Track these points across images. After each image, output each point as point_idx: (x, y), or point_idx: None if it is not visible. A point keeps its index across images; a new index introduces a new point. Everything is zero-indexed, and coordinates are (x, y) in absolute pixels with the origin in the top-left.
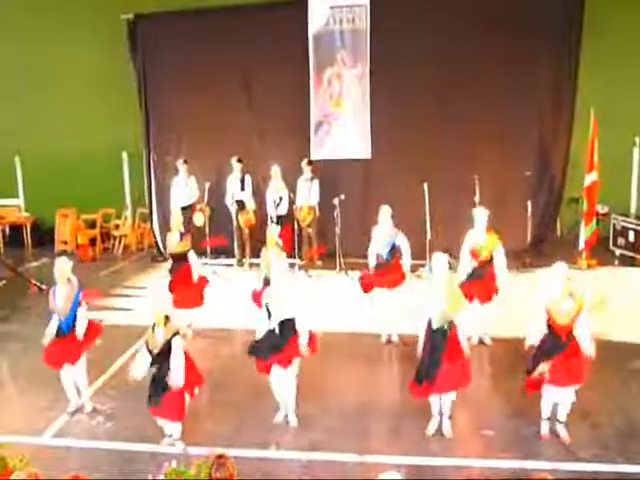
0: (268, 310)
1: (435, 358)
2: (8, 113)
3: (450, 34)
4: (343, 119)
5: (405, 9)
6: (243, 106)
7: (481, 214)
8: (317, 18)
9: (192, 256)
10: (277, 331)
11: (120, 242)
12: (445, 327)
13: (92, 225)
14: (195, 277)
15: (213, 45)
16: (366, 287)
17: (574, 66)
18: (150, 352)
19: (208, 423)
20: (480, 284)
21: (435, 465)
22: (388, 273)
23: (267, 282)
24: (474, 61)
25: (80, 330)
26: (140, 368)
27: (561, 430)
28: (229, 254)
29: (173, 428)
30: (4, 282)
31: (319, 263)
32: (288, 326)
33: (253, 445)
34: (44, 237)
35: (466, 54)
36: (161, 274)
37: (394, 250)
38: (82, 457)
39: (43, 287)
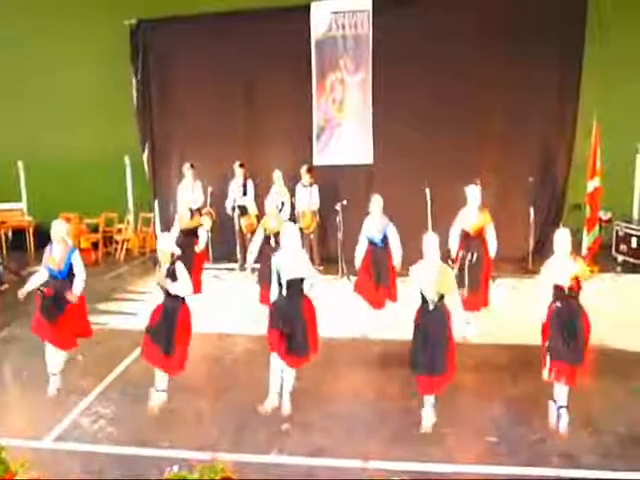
0: (278, 274)
1: (440, 345)
2: (11, 117)
3: (452, 39)
4: (345, 124)
5: (407, 14)
6: (245, 111)
7: (473, 191)
8: (319, 24)
9: (202, 232)
10: (286, 296)
11: (122, 246)
12: (439, 304)
13: (94, 229)
14: (200, 247)
15: (215, 51)
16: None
17: (577, 71)
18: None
19: (210, 428)
20: (471, 295)
21: (438, 471)
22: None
23: (267, 241)
24: (477, 66)
25: (78, 281)
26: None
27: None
28: (231, 259)
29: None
30: (6, 286)
31: (320, 268)
32: (297, 288)
33: (255, 450)
34: (47, 241)
35: (469, 59)
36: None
37: (386, 239)
38: (84, 461)
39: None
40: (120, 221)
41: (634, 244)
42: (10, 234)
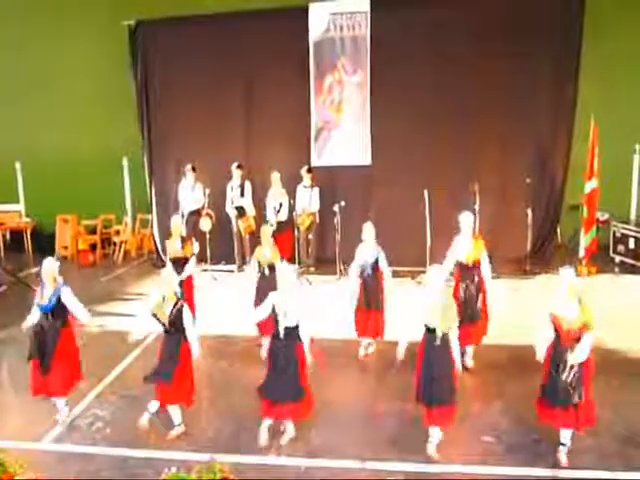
0: (275, 313)
1: (447, 377)
2: (9, 119)
3: (450, 41)
4: (343, 125)
5: (405, 15)
6: (243, 112)
7: (466, 219)
8: (317, 25)
9: (191, 262)
10: (283, 338)
11: (120, 248)
12: (443, 337)
13: (92, 231)
14: (186, 274)
15: (214, 52)
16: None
17: (575, 73)
18: (162, 325)
19: (208, 429)
20: (471, 327)
21: (435, 471)
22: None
23: (263, 276)
24: (475, 68)
25: (80, 313)
26: (143, 327)
27: (562, 452)
28: (229, 260)
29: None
30: (4, 288)
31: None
32: (293, 334)
33: (253, 451)
34: (45, 242)
35: (467, 61)
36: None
37: (377, 265)
38: (81, 462)
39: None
40: (118, 222)
41: (631, 245)
42: (8, 236)
